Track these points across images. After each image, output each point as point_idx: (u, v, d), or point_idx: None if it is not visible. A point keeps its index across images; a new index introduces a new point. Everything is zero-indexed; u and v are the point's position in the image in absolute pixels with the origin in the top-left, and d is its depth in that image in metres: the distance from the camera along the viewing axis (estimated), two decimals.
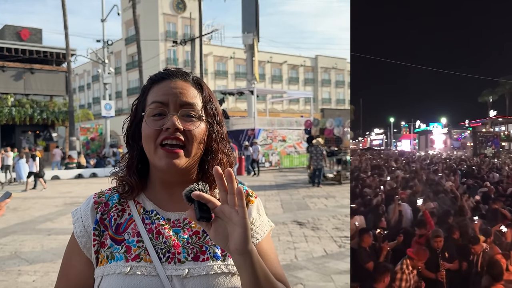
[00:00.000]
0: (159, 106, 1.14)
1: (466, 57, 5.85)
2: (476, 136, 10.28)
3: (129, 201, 1.21)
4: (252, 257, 0.98)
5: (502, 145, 11.06)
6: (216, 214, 0.98)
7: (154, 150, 1.13)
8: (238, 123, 30.58)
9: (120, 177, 1.22)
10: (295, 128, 29.72)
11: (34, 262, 6.97)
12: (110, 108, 29.03)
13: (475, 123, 11.53)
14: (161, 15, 51.92)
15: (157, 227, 1.16)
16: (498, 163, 9.53)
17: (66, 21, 29.34)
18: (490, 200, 5.39)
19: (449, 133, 11.83)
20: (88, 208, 1.20)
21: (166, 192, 1.21)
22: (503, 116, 11.06)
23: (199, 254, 1.14)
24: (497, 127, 11.47)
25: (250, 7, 32.99)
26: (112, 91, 47.96)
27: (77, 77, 65.07)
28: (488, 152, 10.22)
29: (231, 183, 0.95)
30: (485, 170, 9.06)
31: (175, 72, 1.22)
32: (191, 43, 31.98)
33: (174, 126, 1.11)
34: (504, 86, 10.03)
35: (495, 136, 10.62)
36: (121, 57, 57.55)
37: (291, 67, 63.56)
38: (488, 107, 10.72)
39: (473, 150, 10.22)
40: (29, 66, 33.25)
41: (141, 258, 1.11)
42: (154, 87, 1.19)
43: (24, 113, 31.34)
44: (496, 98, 10.39)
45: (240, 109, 50.70)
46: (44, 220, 10.78)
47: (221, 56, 56.92)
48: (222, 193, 0.97)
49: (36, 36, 35.91)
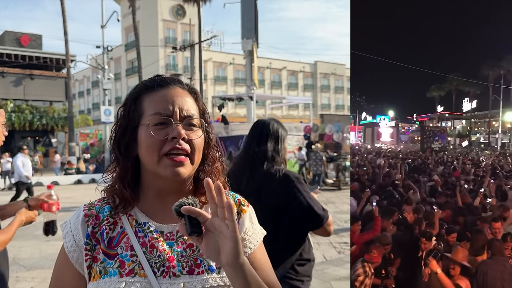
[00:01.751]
0: (163, 116, 1.12)
1: (415, 50, 5.91)
2: (424, 130, 10.45)
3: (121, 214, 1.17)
4: (244, 269, 0.98)
5: (448, 140, 11.32)
6: (206, 228, 0.97)
7: (158, 160, 1.11)
8: (238, 128, 30.55)
9: (110, 189, 1.18)
10: (294, 134, 29.72)
11: (32, 269, 6.94)
12: (110, 114, 29.02)
13: (422, 117, 11.70)
14: (160, 21, 52.08)
15: (151, 240, 1.13)
16: (445, 157, 9.71)
17: (66, 27, 29.42)
18: (437, 193, 5.48)
19: (396, 126, 11.88)
20: (78, 221, 1.16)
21: (159, 203, 1.18)
22: (450, 112, 11.35)
23: (194, 267, 1.12)
24: (443, 122, 11.74)
25: (249, 13, 33.07)
26: (111, 96, 47.95)
27: (76, 82, 65.13)
28: (435, 146, 10.43)
29: (220, 196, 0.95)
30: (433, 163, 9.17)
31: (171, 79, 1.20)
32: (190, 49, 32.05)
33: (181, 136, 1.10)
34: (451, 83, 10.27)
35: (442, 131, 10.86)
36: (120, 63, 57.65)
37: (290, 73, 63.68)
38: (436, 102, 10.94)
39: (421, 144, 10.40)
40: (28, 72, 33.33)
41: (135, 273, 1.09)
42: (150, 94, 1.16)
43: (23, 118, 31.38)
44: (443, 94, 10.61)
45: (240, 114, 50.73)
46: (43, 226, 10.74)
47: (220, 62, 57.03)
48: (213, 205, 0.96)
49: (36, 42, 36.00)
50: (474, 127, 13.06)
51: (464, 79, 10.26)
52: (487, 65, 11.32)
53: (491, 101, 12.30)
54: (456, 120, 11.58)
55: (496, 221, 3.85)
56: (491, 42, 7.55)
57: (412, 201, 4.47)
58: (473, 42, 7.15)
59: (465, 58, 7.87)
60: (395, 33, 5.35)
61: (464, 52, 7.39)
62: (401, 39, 2.93)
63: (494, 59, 10.75)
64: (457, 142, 12.21)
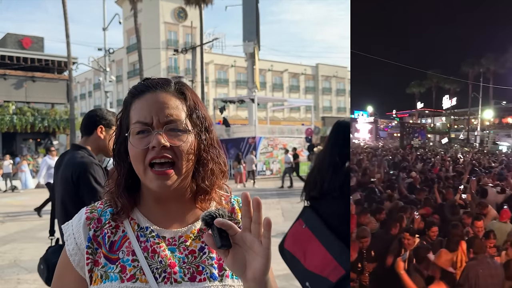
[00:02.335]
0: (143, 125, 1.10)
1: (396, 46, 5.94)
2: (403, 127, 10.48)
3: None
4: (267, 285, 0.96)
5: (428, 137, 11.41)
6: (234, 241, 0.95)
7: (144, 171, 1.09)
8: (239, 131, 30.59)
9: (111, 194, 1.17)
10: (296, 136, 29.74)
11: (34, 271, 6.91)
12: None
13: (402, 113, 11.68)
14: (162, 23, 52.18)
15: (152, 246, 1.12)
16: (424, 153, 9.72)
17: (67, 30, 29.45)
18: (416, 190, 5.49)
19: (375, 122, 11.87)
20: (80, 224, 1.15)
21: (161, 208, 1.17)
22: (430, 108, 11.42)
23: (195, 274, 1.10)
24: (423, 119, 11.82)
25: (250, 15, 33.10)
26: (113, 99, 48.04)
27: (78, 85, 65.25)
28: (415, 143, 10.46)
29: (257, 211, 0.92)
30: (412, 160, 9.16)
31: (155, 83, 1.16)
32: (192, 51, 32.11)
33: (160, 144, 1.07)
34: (432, 80, 10.37)
35: (422, 128, 10.91)
36: (122, 65, 57.73)
37: (292, 75, 63.70)
38: (416, 99, 11.01)
39: (400, 140, 10.43)
40: (30, 74, 33.38)
41: (136, 279, 1.07)
42: (135, 101, 1.14)
43: (25, 121, 31.39)
44: (423, 91, 10.68)
45: (241, 117, 50.75)
46: (44, 228, 10.69)
47: (222, 65, 57.08)
48: (246, 219, 0.94)
49: (38, 44, 36.09)
50: (453, 124, 13.20)
51: (444, 76, 10.33)
52: (467, 63, 11.44)
53: (471, 99, 12.38)
54: (436, 117, 11.71)
55: (478, 219, 3.85)
56: (471, 41, 7.62)
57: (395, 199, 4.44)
58: (453, 41, 7.22)
59: (445, 56, 7.94)
60: (377, 29, 5.39)
61: (444, 50, 7.46)
62: (382, 35, 2.88)
63: (474, 57, 10.84)
64: (437, 139, 12.33)
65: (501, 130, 15.08)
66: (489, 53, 13.77)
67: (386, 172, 7.10)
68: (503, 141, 14.93)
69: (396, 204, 4.22)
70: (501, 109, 16.53)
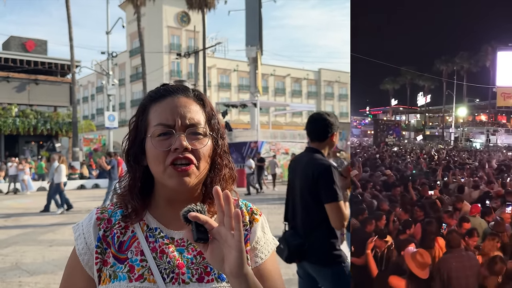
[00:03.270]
0: (165, 127, 1.12)
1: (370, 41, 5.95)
2: (377, 124, 10.48)
3: None
4: (248, 280, 0.97)
5: (403, 134, 11.42)
6: (213, 236, 0.97)
7: (164, 170, 1.11)
8: (241, 135, 30.61)
9: (122, 197, 1.19)
10: (298, 141, 29.73)
11: (35, 274, 6.94)
12: (114, 119, 29.12)
13: (376, 110, 11.74)
14: (165, 27, 52.33)
15: (161, 246, 1.13)
16: (399, 150, 9.76)
17: (71, 33, 29.59)
18: (391, 188, 5.54)
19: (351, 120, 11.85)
20: (90, 224, 1.17)
21: (171, 210, 1.18)
22: (404, 105, 11.48)
23: (203, 275, 1.11)
24: (398, 116, 11.88)
25: (253, 20, 33.20)
26: (116, 102, 48.15)
27: (81, 88, 65.38)
28: (389, 140, 10.47)
29: (228, 204, 0.95)
30: (387, 158, 9.15)
31: (175, 88, 1.20)
32: (195, 55, 32.19)
33: (183, 147, 1.09)
34: (406, 76, 10.41)
35: (396, 125, 10.93)
36: (125, 69, 57.86)
37: (294, 80, 63.75)
38: (390, 95, 11.08)
39: (374, 138, 10.43)
40: (33, 77, 33.43)
41: (144, 279, 1.09)
42: (155, 105, 1.16)
43: (28, 123, 31.43)
44: (397, 87, 10.75)
45: (243, 121, 50.79)
46: (46, 231, 10.76)
47: (224, 69, 57.17)
48: (220, 214, 0.96)
49: (41, 47, 36.18)
50: (428, 122, 13.33)
51: (418, 72, 10.41)
52: (441, 60, 11.51)
53: (445, 96, 12.56)
54: (411, 114, 11.80)
55: (452, 217, 3.88)
56: (445, 38, 7.68)
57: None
58: (428, 37, 7.25)
59: (419, 52, 7.98)
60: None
61: (418, 46, 7.49)
62: (356, 29, 2.90)
63: (448, 54, 10.96)
64: (412, 136, 12.39)
65: (474, 127, 15.29)
66: (463, 51, 13.79)
67: (360, 171, 7.21)
68: (477, 138, 15.14)
69: (371, 203, 4.23)
70: (475, 107, 16.75)
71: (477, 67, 12.73)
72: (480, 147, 12.13)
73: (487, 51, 12.37)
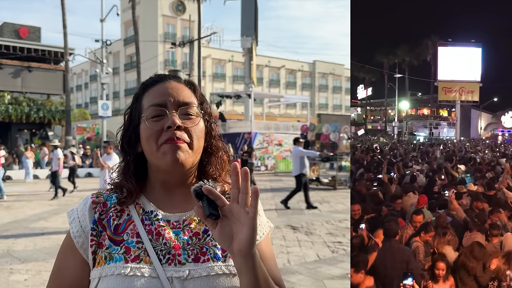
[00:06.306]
0: (158, 108, 1.14)
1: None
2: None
3: None
4: (255, 260, 0.97)
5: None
6: (223, 213, 0.97)
7: (157, 149, 1.12)
8: (235, 126, 30.59)
9: (117, 183, 1.21)
10: (291, 133, 29.76)
11: (27, 261, 6.94)
12: (107, 108, 29.00)
13: None
14: (160, 16, 51.98)
15: (157, 228, 1.14)
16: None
17: (65, 20, 29.34)
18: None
19: None
20: (85, 208, 1.18)
21: (166, 193, 1.20)
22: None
23: (199, 255, 1.13)
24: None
25: (249, 10, 33.04)
26: (109, 91, 47.90)
27: (74, 76, 64.95)
28: None
29: (245, 181, 0.95)
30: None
31: (167, 75, 1.24)
32: (189, 45, 32.00)
33: (175, 124, 1.11)
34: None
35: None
36: (119, 58, 57.50)
37: (289, 72, 63.67)
38: None
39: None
40: (27, 64, 33.15)
41: (140, 259, 1.10)
42: (148, 91, 1.19)
43: (20, 111, 31.20)
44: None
45: (237, 112, 50.72)
46: (38, 219, 10.75)
47: (219, 59, 56.99)
48: (235, 190, 0.96)
49: (34, 34, 35.82)
50: (370, 116, 13.58)
51: (359, 64, 10.46)
52: (382, 52, 11.59)
53: (387, 89, 12.68)
54: (351, 108, 12.17)
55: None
56: (387, 31, 7.79)
57: None
58: (369, 30, 7.33)
59: (360, 44, 8.05)
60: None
61: (359, 38, 7.58)
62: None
63: (389, 47, 11.07)
64: (353, 130, 12.72)
65: (417, 121, 15.61)
66: (404, 44, 13.84)
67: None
68: (420, 132, 15.49)
69: None
70: (417, 101, 17.05)
71: (419, 61, 12.94)
72: (423, 140, 12.54)
73: (428, 45, 12.53)
